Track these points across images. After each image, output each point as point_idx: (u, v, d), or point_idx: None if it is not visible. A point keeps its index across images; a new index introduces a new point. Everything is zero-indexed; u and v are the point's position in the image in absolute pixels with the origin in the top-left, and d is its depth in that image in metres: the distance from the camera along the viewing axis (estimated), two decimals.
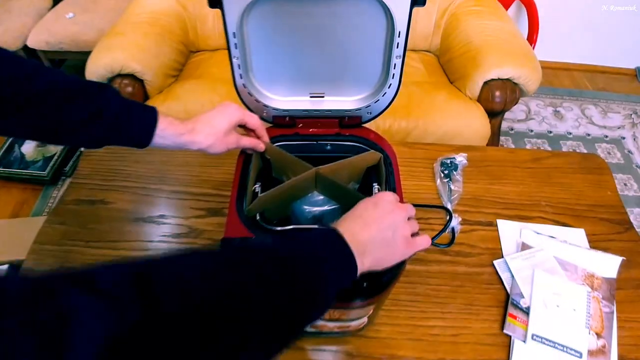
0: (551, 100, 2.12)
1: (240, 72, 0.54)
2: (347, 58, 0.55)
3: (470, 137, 1.24)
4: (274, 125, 0.61)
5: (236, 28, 0.50)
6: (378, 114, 0.59)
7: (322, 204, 0.55)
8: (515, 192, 0.86)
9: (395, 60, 0.52)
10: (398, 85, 0.55)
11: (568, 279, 0.73)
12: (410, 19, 0.47)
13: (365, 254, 0.40)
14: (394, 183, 0.53)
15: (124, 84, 1.18)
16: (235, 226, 0.47)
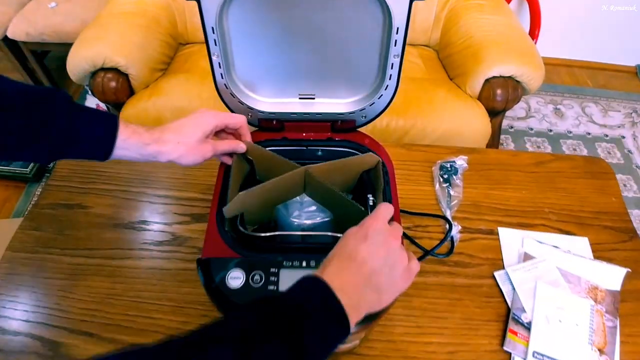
0: (552, 98, 2.07)
1: (222, 71, 0.49)
2: (340, 56, 0.50)
3: (470, 136, 1.20)
4: (259, 129, 0.56)
5: (215, 22, 0.45)
6: (373, 117, 0.54)
7: (312, 216, 0.51)
8: (517, 197, 0.82)
9: (393, 59, 0.47)
10: (396, 87, 0.50)
11: (571, 291, 0.69)
12: (409, 14, 0.43)
13: (360, 304, 0.35)
14: (390, 194, 0.48)
15: (107, 78, 1.12)
16: (215, 245, 0.42)
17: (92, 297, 0.64)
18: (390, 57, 0.47)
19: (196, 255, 0.69)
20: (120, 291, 0.65)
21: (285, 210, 0.51)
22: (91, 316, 0.62)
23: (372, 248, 0.37)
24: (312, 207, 0.52)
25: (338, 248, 0.38)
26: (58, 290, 0.65)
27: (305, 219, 0.50)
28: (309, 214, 0.51)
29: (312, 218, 0.50)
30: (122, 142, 0.47)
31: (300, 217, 0.50)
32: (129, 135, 0.47)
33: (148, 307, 0.63)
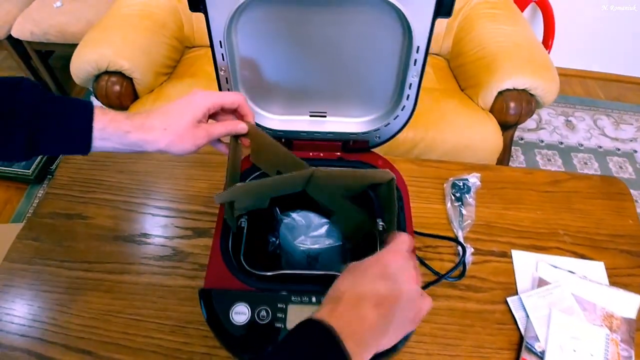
0: (563, 109, 2.04)
1: (229, 87, 0.46)
2: (355, 74, 0.48)
3: (482, 150, 1.17)
4: None
5: (223, 36, 0.42)
6: (388, 138, 0.51)
7: (318, 241, 0.48)
8: (532, 218, 0.79)
9: (412, 79, 0.45)
10: (413, 108, 0.47)
11: (586, 319, 0.66)
12: (431, 33, 0.40)
13: (367, 350, 0.32)
14: (405, 222, 0.45)
15: (111, 82, 1.10)
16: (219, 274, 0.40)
17: (90, 313, 0.62)
18: (409, 76, 0.44)
19: (198, 272, 0.67)
20: (119, 308, 0.63)
21: (290, 235, 0.49)
22: (89, 333, 0.60)
23: (388, 289, 0.34)
24: (319, 231, 0.49)
25: (350, 282, 0.35)
26: (55, 305, 0.63)
27: (312, 244, 0.47)
28: (315, 238, 0.48)
29: (319, 243, 0.48)
30: (99, 131, 0.42)
31: (305, 242, 0.48)
32: (106, 123, 0.42)
33: (147, 326, 0.61)
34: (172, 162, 0.82)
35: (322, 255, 0.48)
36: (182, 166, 0.82)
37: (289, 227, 0.50)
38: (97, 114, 0.43)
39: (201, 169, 0.81)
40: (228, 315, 0.37)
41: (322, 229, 0.49)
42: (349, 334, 0.31)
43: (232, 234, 0.46)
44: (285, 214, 0.51)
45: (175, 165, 0.82)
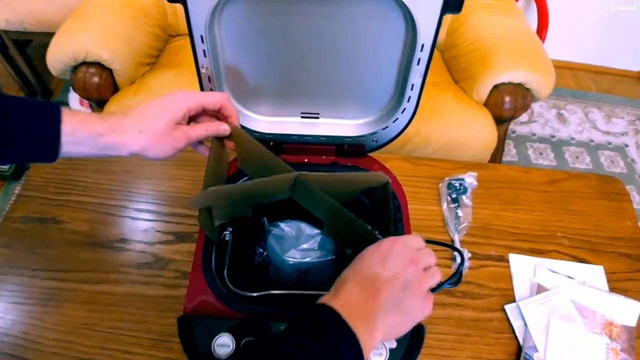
0: (555, 102, 2.02)
1: (212, 87, 0.42)
2: (351, 72, 0.44)
3: (476, 145, 1.14)
4: None
5: (205, 30, 0.38)
6: (386, 142, 0.48)
7: (308, 255, 0.45)
8: (529, 220, 0.76)
9: (415, 79, 0.41)
10: (414, 111, 0.43)
11: (586, 327, 0.65)
12: (438, 30, 0.36)
13: (375, 329, 0.34)
14: (403, 232, 0.42)
15: (90, 73, 1.04)
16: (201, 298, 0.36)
17: (65, 327, 0.58)
18: (411, 77, 0.40)
19: (180, 281, 0.63)
20: (96, 320, 0.59)
21: (279, 247, 0.45)
22: (64, 348, 0.56)
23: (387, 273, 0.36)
24: (310, 243, 0.45)
25: (352, 270, 0.37)
26: (28, 318, 0.59)
27: (302, 258, 0.44)
28: (306, 252, 0.44)
29: (309, 256, 0.44)
30: (69, 135, 0.39)
31: (295, 255, 0.44)
32: (77, 126, 0.39)
33: (126, 340, 0.57)
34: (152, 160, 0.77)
35: (313, 270, 0.45)
36: (164, 165, 0.77)
37: (277, 239, 0.46)
38: (66, 116, 0.39)
39: (184, 168, 0.77)
40: (210, 347, 0.34)
41: (313, 240, 0.45)
42: (352, 313, 0.33)
43: (216, 247, 0.42)
44: (273, 224, 0.47)
45: (156, 165, 0.77)
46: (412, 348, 0.35)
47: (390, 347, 0.35)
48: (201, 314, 0.36)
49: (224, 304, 0.37)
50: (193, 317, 0.36)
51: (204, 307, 0.36)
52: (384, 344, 0.35)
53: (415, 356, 0.36)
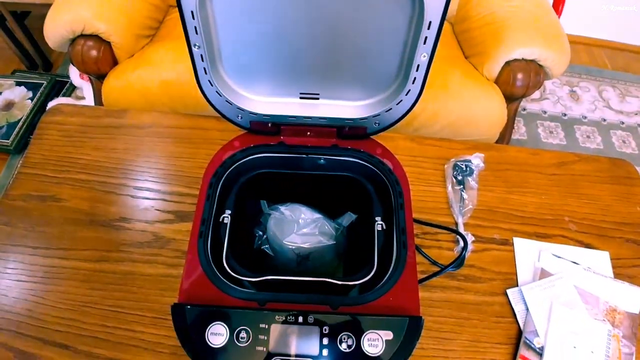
0: (568, 79, 1.95)
1: (205, 65, 0.40)
2: (353, 50, 0.41)
3: (485, 124, 1.11)
4: (250, 131, 0.48)
5: (196, 5, 0.35)
6: (388, 125, 0.45)
7: (309, 240, 0.44)
8: (536, 203, 0.75)
9: (420, 59, 0.38)
10: (419, 93, 0.41)
11: (588, 313, 0.64)
12: (447, 6, 0.33)
13: None
14: (404, 220, 0.41)
15: (88, 46, 1.01)
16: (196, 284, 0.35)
17: (66, 305, 0.59)
18: (417, 56, 0.38)
19: (180, 260, 0.63)
20: (97, 299, 0.59)
21: (278, 231, 0.44)
22: (66, 326, 0.57)
23: None
24: (310, 228, 0.44)
25: None
26: (30, 296, 0.59)
27: (302, 243, 0.43)
28: (306, 236, 0.43)
29: (309, 241, 0.43)
30: None
31: (295, 240, 0.43)
32: None
33: (127, 318, 0.58)
34: (152, 138, 0.76)
35: (314, 255, 0.44)
36: (164, 143, 0.76)
37: (277, 222, 0.45)
38: None
39: (184, 145, 0.76)
40: (203, 335, 0.33)
41: (314, 225, 0.44)
42: None
43: (213, 230, 0.41)
44: (273, 208, 0.46)
45: (156, 142, 0.76)
46: (409, 338, 0.35)
47: (386, 338, 0.35)
48: (196, 301, 0.36)
49: (220, 290, 0.36)
50: (186, 305, 0.35)
51: (199, 293, 0.36)
52: (380, 335, 0.35)
53: (413, 347, 0.35)
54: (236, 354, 0.33)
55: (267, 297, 0.36)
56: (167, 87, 1.04)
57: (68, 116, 0.78)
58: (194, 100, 1.04)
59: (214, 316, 0.34)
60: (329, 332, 0.34)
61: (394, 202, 0.43)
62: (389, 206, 0.44)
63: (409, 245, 0.40)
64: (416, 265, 0.40)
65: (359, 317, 0.35)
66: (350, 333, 0.34)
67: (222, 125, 0.77)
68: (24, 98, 1.59)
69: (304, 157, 0.47)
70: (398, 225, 0.41)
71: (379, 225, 0.42)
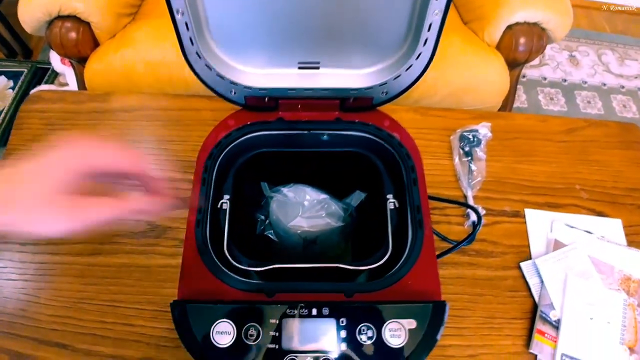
0: (567, 44, 1.91)
1: (191, 35, 0.35)
2: (356, 10, 0.37)
3: (487, 92, 1.07)
4: (245, 107, 0.44)
5: None
6: (397, 94, 0.41)
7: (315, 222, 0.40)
8: (546, 172, 0.72)
9: (432, 17, 0.34)
10: (431, 56, 0.37)
11: (603, 283, 0.62)
12: None
13: None
14: (418, 196, 0.37)
15: (66, 28, 0.94)
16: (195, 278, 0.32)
17: (61, 302, 0.56)
18: (429, 13, 0.34)
19: (178, 249, 0.60)
20: (92, 294, 0.56)
21: (282, 214, 0.41)
22: (62, 324, 0.54)
23: None
24: (316, 210, 0.41)
25: None
26: (22, 295, 0.56)
27: (308, 226, 0.39)
28: (312, 219, 0.40)
29: (316, 224, 0.40)
30: None
31: (301, 223, 0.39)
32: None
33: (126, 313, 0.55)
34: (140, 122, 0.72)
35: (321, 238, 0.41)
36: (153, 126, 0.72)
37: (280, 206, 0.42)
38: None
39: (174, 128, 0.71)
40: (209, 335, 0.30)
41: (320, 206, 0.41)
42: None
43: (211, 217, 0.38)
44: (274, 190, 0.42)
45: (144, 126, 0.71)
46: (434, 326, 0.32)
47: (409, 327, 0.32)
48: (197, 296, 0.32)
49: (223, 283, 0.33)
50: (187, 302, 0.32)
51: (200, 287, 0.33)
52: (402, 324, 0.32)
53: (437, 334, 0.33)
54: (246, 354, 0.30)
55: (275, 287, 0.33)
56: (153, 68, 0.98)
57: (49, 103, 0.73)
58: (182, 81, 0.99)
59: (218, 313, 0.31)
60: (346, 323, 0.31)
61: (406, 177, 0.39)
62: (400, 182, 0.41)
63: (425, 224, 0.37)
64: (434, 245, 0.37)
65: (379, 305, 0.32)
66: (370, 324, 0.31)
67: (215, 104, 0.73)
68: (5, 88, 1.52)
69: (305, 133, 0.43)
70: (412, 202, 0.38)
71: (390, 204, 0.39)
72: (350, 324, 0.31)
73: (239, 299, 0.33)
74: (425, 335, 0.32)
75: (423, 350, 0.32)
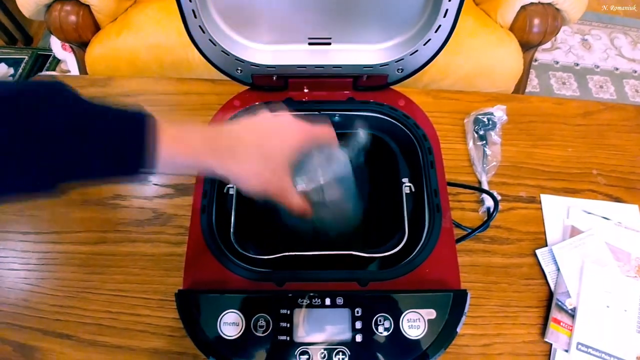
0: (579, 27, 1.85)
1: (194, 7, 0.33)
2: None
3: (501, 75, 1.04)
4: (252, 87, 0.41)
5: None
6: (414, 71, 0.39)
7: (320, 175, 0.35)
8: (563, 157, 0.69)
9: None
10: (451, 29, 0.34)
11: (620, 270, 0.60)
12: None
13: None
14: (436, 179, 0.35)
15: (65, 11, 0.91)
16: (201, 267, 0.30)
17: (64, 292, 0.55)
18: None
19: (183, 237, 0.58)
20: (97, 283, 0.55)
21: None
22: (66, 314, 0.53)
23: None
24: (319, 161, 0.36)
25: None
26: (25, 285, 0.55)
27: (314, 181, 0.35)
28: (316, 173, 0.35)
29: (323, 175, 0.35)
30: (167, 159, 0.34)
31: (306, 182, 0.35)
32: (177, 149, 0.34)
33: (131, 302, 0.54)
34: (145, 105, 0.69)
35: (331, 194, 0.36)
36: (156, 111, 0.68)
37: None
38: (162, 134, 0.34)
39: (178, 112, 0.70)
40: (215, 327, 0.29)
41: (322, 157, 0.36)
42: None
43: (217, 203, 0.36)
44: None
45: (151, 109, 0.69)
46: (455, 316, 0.30)
47: (428, 317, 0.30)
48: (203, 286, 0.31)
49: (230, 271, 0.31)
50: (193, 292, 0.30)
51: (206, 276, 0.31)
52: (421, 314, 0.30)
53: (458, 325, 0.31)
54: (255, 346, 0.28)
55: (285, 275, 0.31)
56: (156, 52, 0.96)
57: None
58: (186, 64, 0.96)
59: (226, 303, 0.29)
60: (362, 314, 0.29)
61: (423, 160, 0.37)
62: (417, 165, 0.38)
63: (443, 209, 0.35)
64: (453, 231, 0.35)
65: (396, 294, 0.30)
66: (387, 314, 0.29)
67: (219, 88, 0.70)
68: (6, 75, 1.50)
69: (316, 114, 0.41)
70: (429, 186, 0.36)
71: (406, 188, 0.37)
72: (366, 315, 0.29)
73: (247, 289, 0.31)
74: (446, 326, 0.30)
75: (443, 342, 0.30)
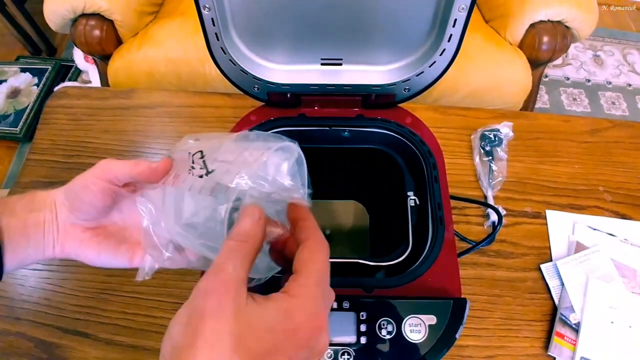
0: (591, 43, 1.86)
1: (217, 31, 0.36)
2: (380, 6, 0.37)
3: (509, 92, 1.05)
4: (267, 104, 0.44)
5: None
6: (419, 91, 0.41)
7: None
8: (569, 173, 0.70)
9: (458, 13, 0.34)
10: (455, 52, 0.37)
11: (625, 287, 0.61)
12: None
13: None
14: (440, 193, 0.37)
15: (90, 26, 0.97)
16: None
17: (84, 292, 0.57)
18: (454, 10, 0.33)
19: None
20: (115, 285, 0.58)
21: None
22: (85, 314, 0.56)
23: None
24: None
25: None
26: (47, 284, 0.58)
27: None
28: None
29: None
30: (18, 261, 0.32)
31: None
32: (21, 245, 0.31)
33: (147, 304, 0.56)
34: (162, 118, 0.73)
35: None
36: (174, 123, 0.73)
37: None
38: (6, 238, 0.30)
39: (196, 125, 0.73)
40: None
41: None
42: None
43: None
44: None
45: (166, 122, 0.73)
46: (454, 322, 0.32)
47: (429, 323, 0.32)
48: None
49: None
50: None
51: None
52: (422, 319, 0.32)
53: (457, 332, 0.32)
54: None
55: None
56: (175, 66, 1.00)
57: (74, 99, 0.75)
58: (203, 78, 1.00)
59: None
60: (366, 317, 0.31)
61: (427, 174, 0.39)
62: (421, 180, 0.40)
63: (446, 222, 0.37)
64: (455, 243, 0.37)
65: (399, 300, 0.32)
66: (390, 318, 0.31)
67: (235, 101, 0.74)
68: (30, 84, 1.57)
69: (326, 129, 0.43)
70: (433, 199, 0.38)
71: (411, 201, 0.39)
72: (371, 318, 0.31)
73: None
74: (445, 332, 0.32)
75: (442, 346, 0.31)
